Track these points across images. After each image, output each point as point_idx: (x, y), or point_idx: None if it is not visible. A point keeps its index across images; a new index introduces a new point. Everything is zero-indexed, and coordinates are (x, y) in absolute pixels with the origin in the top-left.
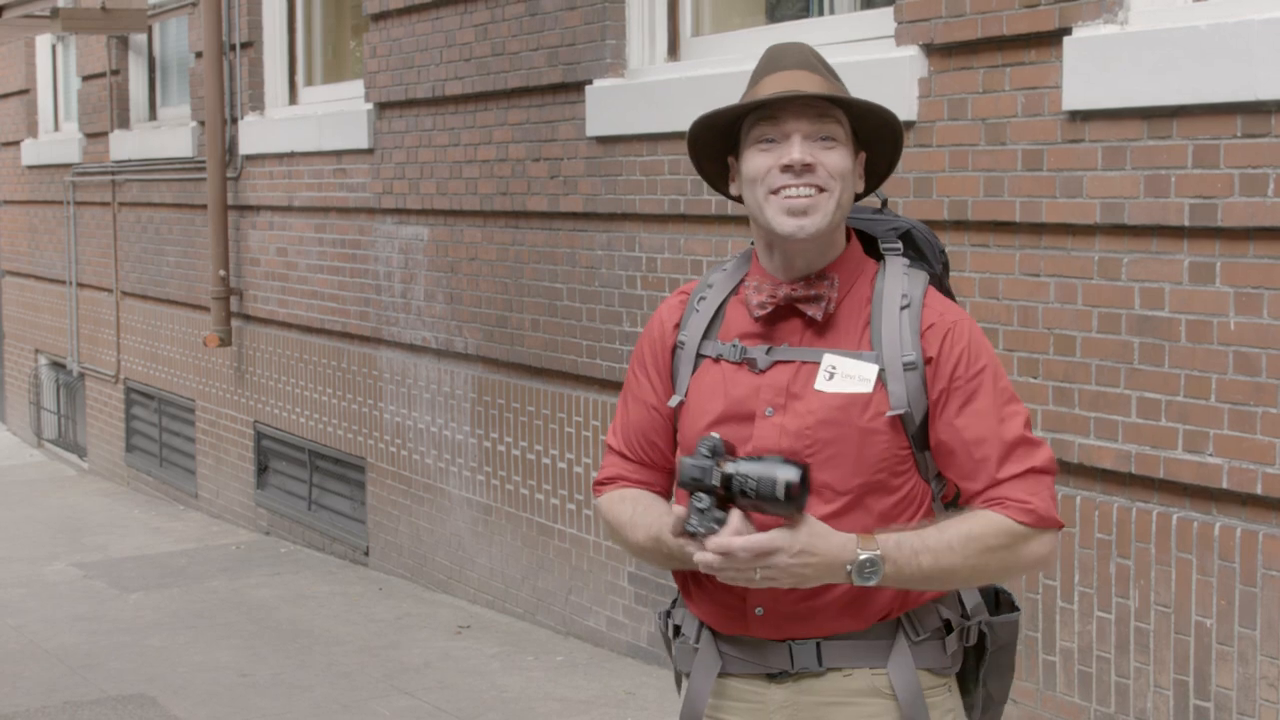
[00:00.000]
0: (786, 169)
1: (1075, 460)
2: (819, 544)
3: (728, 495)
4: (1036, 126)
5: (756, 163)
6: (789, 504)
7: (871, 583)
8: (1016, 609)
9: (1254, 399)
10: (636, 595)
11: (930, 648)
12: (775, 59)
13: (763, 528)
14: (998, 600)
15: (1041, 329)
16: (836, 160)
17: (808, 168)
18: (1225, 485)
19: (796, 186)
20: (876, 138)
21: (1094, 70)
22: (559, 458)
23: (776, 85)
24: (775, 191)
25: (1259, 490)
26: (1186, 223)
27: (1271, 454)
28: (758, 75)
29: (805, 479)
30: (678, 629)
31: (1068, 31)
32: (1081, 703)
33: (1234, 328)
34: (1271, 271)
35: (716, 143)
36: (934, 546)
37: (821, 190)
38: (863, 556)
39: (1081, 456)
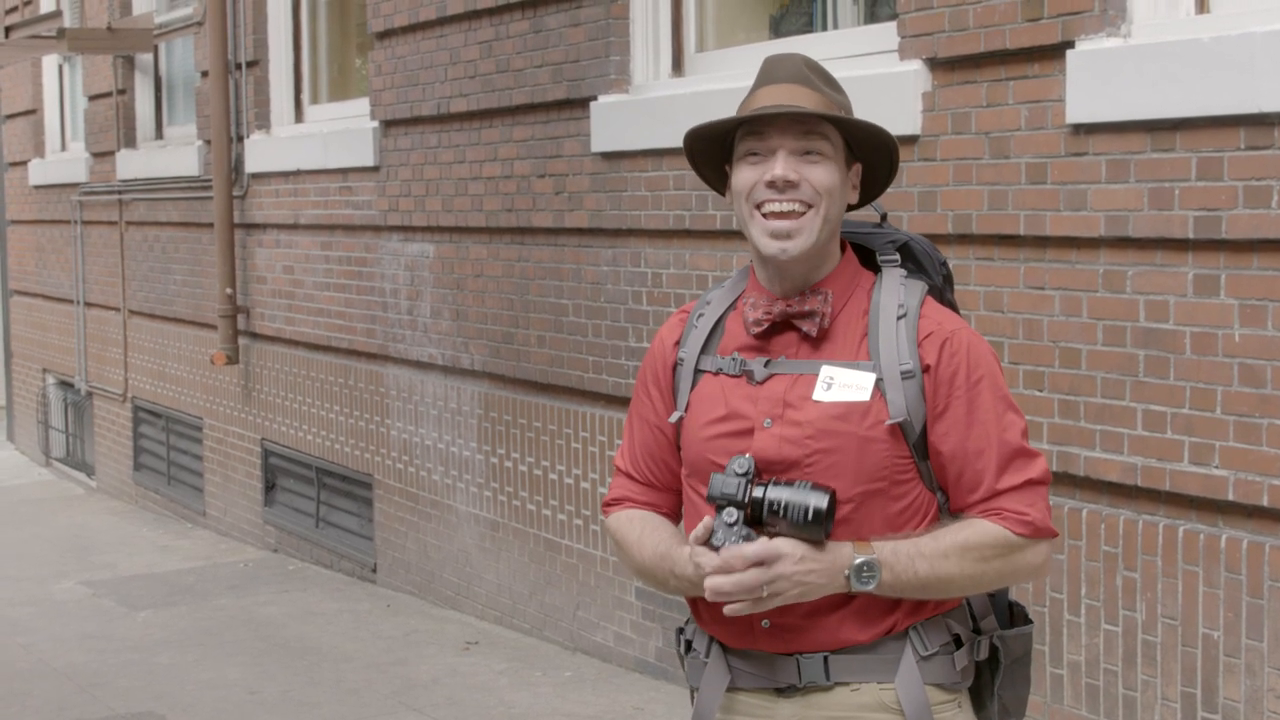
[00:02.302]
0: (770, 185)
1: (1081, 473)
2: (818, 551)
3: (755, 516)
4: (1040, 140)
5: (743, 177)
6: (817, 529)
7: (869, 587)
8: (1029, 622)
9: (1259, 411)
10: (644, 610)
11: (939, 663)
12: (769, 71)
13: None
14: (1011, 613)
15: (1046, 342)
16: (822, 175)
17: (790, 184)
18: (1231, 497)
19: (780, 202)
20: (871, 150)
21: (1097, 83)
22: (565, 473)
23: (768, 99)
24: (759, 206)
25: (1265, 502)
26: (1191, 235)
27: (1277, 466)
28: (753, 87)
29: (833, 505)
30: (689, 644)
31: (1071, 45)
32: (1089, 715)
33: (1239, 340)
34: (1276, 283)
35: (713, 151)
36: (930, 555)
37: (809, 206)
38: (859, 560)
39: (1087, 469)
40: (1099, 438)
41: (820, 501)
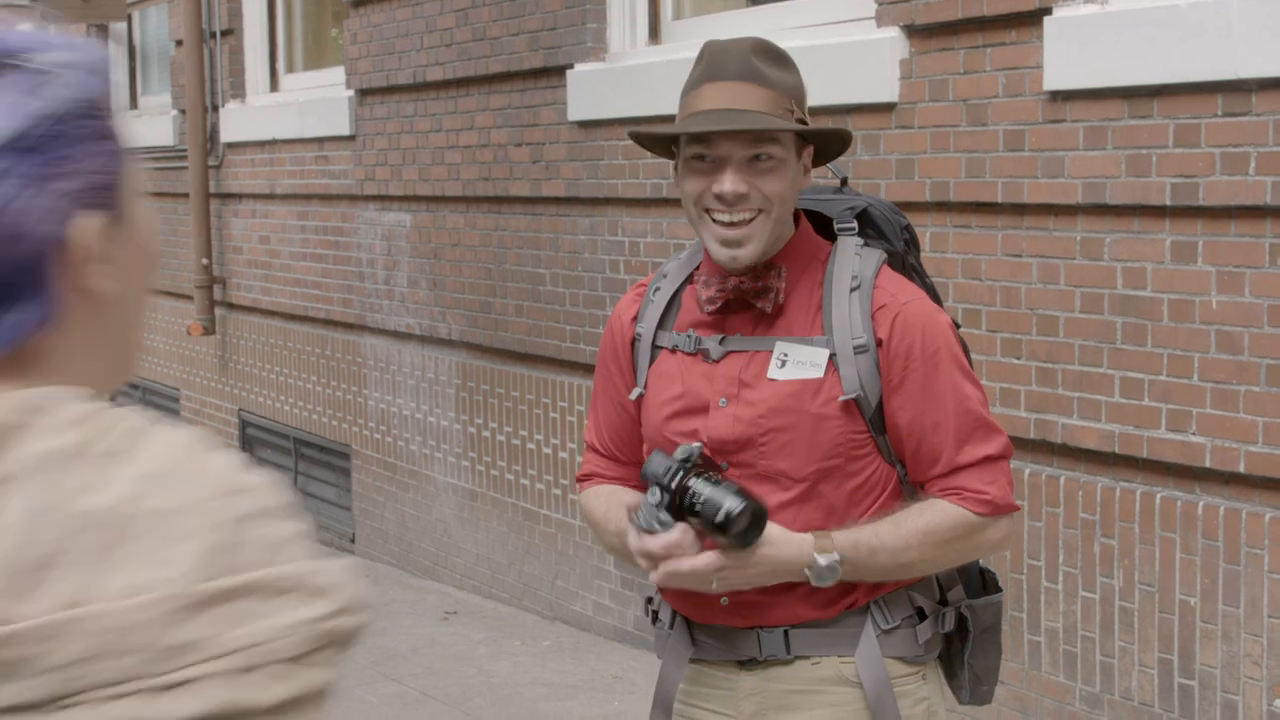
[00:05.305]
0: (718, 198)
1: (1059, 440)
2: (770, 552)
3: (680, 506)
4: (1018, 107)
5: (691, 184)
6: (725, 534)
7: (828, 583)
8: (999, 590)
9: (1236, 378)
10: (622, 580)
11: (901, 636)
12: (713, 65)
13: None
14: (983, 580)
15: (1024, 309)
16: (773, 184)
17: (741, 196)
18: (1208, 464)
19: (729, 213)
20: (825, 138)
21: (1075, 50)
22: (544, 443)
23: (712, 98)
24: (709, 211)
25: (1241, 469)
26: (1168, 202)
27: (1254, 432)
28: (695, 80)
29: (757, 517)
30: (655, 615)
31: (1048, 11)
32: (1067, 682)
33: (1216, 307)
34: (1253, 250)
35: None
36: (891, 544)
37: (759, 211)
38: (822, 562)
39: (1065, 436)
40: (1076, 405)
41: (736, 506)
